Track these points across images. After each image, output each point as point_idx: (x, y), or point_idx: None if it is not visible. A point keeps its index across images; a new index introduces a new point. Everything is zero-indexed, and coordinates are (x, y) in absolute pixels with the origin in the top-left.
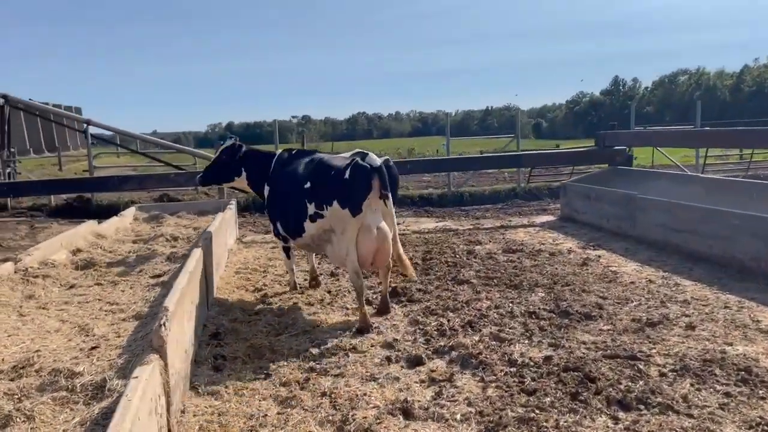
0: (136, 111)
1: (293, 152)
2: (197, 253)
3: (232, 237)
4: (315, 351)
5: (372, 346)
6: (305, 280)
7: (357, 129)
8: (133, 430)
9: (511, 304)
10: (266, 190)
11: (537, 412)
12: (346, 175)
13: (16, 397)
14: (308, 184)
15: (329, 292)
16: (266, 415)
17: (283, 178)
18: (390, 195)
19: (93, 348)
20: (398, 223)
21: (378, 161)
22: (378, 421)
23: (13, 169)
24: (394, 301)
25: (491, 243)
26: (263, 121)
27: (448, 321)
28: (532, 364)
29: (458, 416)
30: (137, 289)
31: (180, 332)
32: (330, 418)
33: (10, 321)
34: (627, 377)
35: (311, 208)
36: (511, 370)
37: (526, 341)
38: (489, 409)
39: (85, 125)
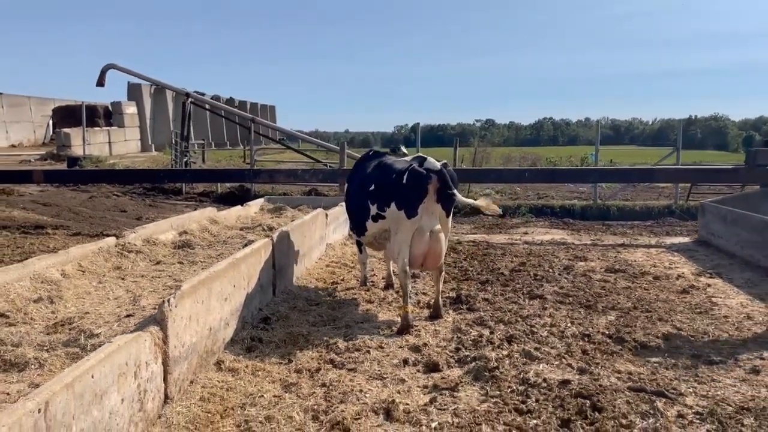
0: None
1: (370, 153)
2: (258, 244)
3: (338, 233)
4: (342, 345)
5: (400, 347)
6: (383, 278)
7: (542, 135)
8: (83, 382)
9: (570, 324)
10: (345, 186)
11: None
12: (404, 179)
13: (45, 348)
14: (372, 187)
15: (397, 292)
16: (263, 395)
17: (356, 178)
18: (454, 195)
19: (127, 316)
20: (525, 233)
21: (437, 166)
22: (357, 416)
23: (189, 158)
24: (453, 308)
25: (598, 261)
26: (446, 124)
27: (492, 333)
28: (544, 385)
29: (434, 424)
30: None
31: (202, 310)
32: (315, 407)
33: (88, 286)
34: (638, 413)
35: (373, 209)
36: (520, 388)
37: (556, 363)
38: (467, 421)
39: (250, 122)
